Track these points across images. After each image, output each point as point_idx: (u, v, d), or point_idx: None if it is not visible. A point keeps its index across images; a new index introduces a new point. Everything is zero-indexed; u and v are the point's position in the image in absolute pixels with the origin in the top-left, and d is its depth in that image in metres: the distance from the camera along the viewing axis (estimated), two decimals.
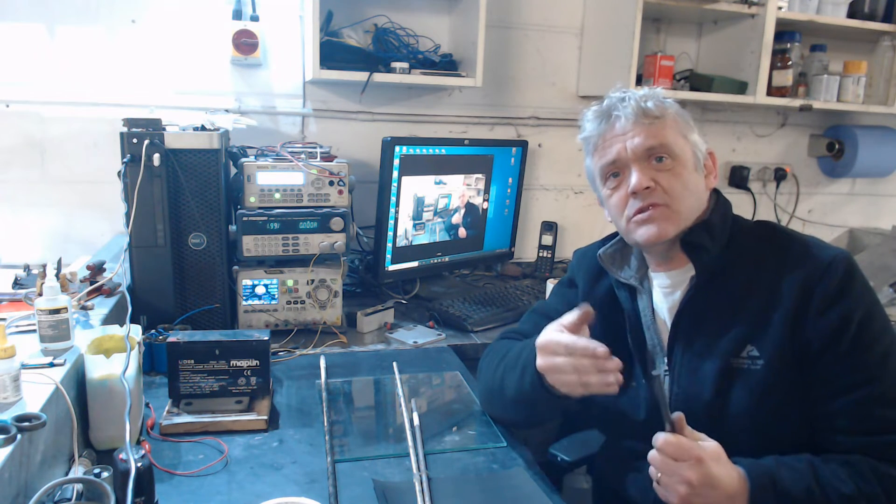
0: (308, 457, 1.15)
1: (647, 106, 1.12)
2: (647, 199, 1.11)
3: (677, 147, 1.12)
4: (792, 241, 1.13)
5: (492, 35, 2.27)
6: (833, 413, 1.04)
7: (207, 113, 2.04)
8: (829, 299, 1.04)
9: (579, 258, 1.38)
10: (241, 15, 2.01)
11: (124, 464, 0.91)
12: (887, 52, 2.59)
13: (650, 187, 1.10)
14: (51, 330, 1.14)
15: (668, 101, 1.16)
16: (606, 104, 1.16)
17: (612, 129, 1.14)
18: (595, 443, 1.40)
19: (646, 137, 1.11)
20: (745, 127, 2.76)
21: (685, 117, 1.17)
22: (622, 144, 1.13)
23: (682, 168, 1.12)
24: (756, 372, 1.08)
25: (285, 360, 1.57)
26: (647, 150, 1.11)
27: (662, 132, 1.12)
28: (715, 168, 1.19)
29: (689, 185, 1.13)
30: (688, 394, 1.13)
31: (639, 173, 1.11)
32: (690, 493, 0.96)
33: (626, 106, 1.13)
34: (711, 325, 1.12)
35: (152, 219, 1.56)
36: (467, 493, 1.07)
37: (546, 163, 2.52)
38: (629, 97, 1.14)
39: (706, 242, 1.12)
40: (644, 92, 1.16)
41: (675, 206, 1.11)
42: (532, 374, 1.13)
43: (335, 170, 1.72)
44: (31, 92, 1.95)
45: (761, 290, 1.10)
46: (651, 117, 1.12)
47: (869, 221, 3.03)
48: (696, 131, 1.17)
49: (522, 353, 1.18)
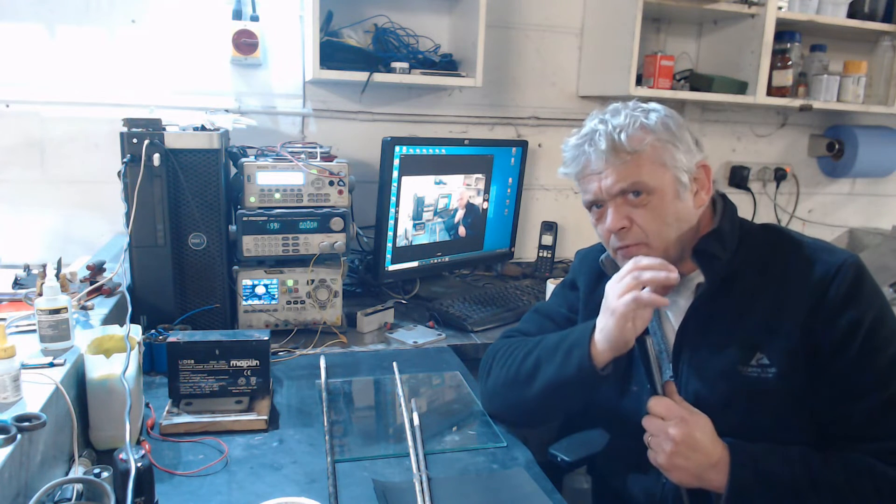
0: (308, 457, 1.15)
1: (621, 141, 1.09)
2: (624, 240, 1.13)
3: (654, 181, 1.09)
4: (800, 247, 1.12)
5: (492, 35, 2.26)
6: (843, 417, 1.05)
7: (207, 113, 2.04)
8: (840, 304, 1.04)
9: (581, 259, 1.37)
10: (241, 15, 2.01)
11: (124, 464, 0.91)
12: (887, 52, 2.59)
13: (625, 227, 1.11)
14: (51, 330, 1.14)
15: (652, 119, 1.11)
16: (583, 134, 1.14)
17: (586, 167, 1.13)
18: (595, 443, 1.40)
19: (617, 178, 1.10)
20: (745, 127, 2.76)
21: (669, 136, 1.11)
22: (598, 184, 1.12)
23: (659, 201, 1.10)
24: (768, 381, 1.07)
25: (285, 360, 1.57)
26: (620, 190, 1.10)
27: (636, 170, 1.09)
28: (708, 181, 1.15)
29: (669, 216, 1.10)
30: (696, 399, 1.12)
31: (613, 214, 1.11)
32: (674, 451, 1.02)
33: (599, 140, 1.10)
34: (718, 331, 1.11)
35: (152, 219, 1.56)
36: (467, 493, 1.07)
37: (546, 163, 2.52)
38: (601, 132, 1.10)
39: (717, 251, 1.11)
40: (619, 120, 1.11)
41: (654, 243, 1.11)
42: (581, 354, 1.12)
43: (335, 170, 1.72)
44: (31, 92, 1.95)
45: (769, 296, 1.10)
46: (624, 153, 1.09)
47: (869, 221, 3.03)
48: (682, 148, 1.11)
49: (566, 339, 1.18)
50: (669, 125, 1.12)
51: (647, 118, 1.11)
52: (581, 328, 1.17)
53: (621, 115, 1.12)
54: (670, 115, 1.14)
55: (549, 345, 1.21)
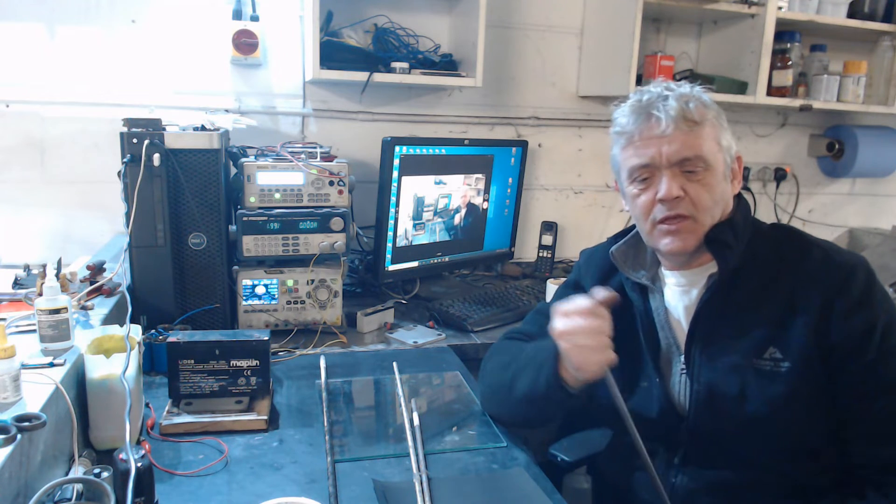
0: (308, 457, 1.15)
1: (689, 108, 1.07)
2: (675, 209, 1.09)
3: (711, 156, 1.09)
4: (811, 246, 1.13)
5: (492, 35, 2.26)
6: (857, 420, 1.05)
7: (207, 113, 2.04)
8: (853, 306, 1.05)
9: (587, 259, 1.37)
10: (241, 15, 2.00)
11: (124, 464, 0.91)
12: (887, 52, 2.59)
13: (679, 197, 1.08)
14: (51, 330, 1.14)
15: (708, 100, 1.12)
16: (647, 99, 1.11)
17: (651, 129, 1.09)
18: (595, 443, 1.40)
19: (683, 146, 1.07)
20: (745, 127, 2.76)
21: (722, 119, 1.12)
22: (657, 149, 1.08)
23: (712, 178, 1.09)
24: (781, 374, 1.07)
25: (285, 360, 1.57)
26: (682, 159, 1.08)
27: (700, 141, 1.08)
28: (740, 172, 1.16)
29: (717, 195, 1.10)
30: (710, 390, 1.12)
31: (669, 181, 1.08)
32: None
33: (667, 106, 1.08)
34: (731, 325, 1.12)
35: (152, 219, 1.56)
36: (467, 493, 1.07)
37: (546, 163, 2.52)
38: (672, 96, 1.09)
39: (731, 241, 1.11)
40: (686, 90, 1.10)
41: (701, 219, 1.10)
42: (549, 373, 1.12)
43: (335, 170, 1.72)
44: (31, 92, 1.95)
45: (780, 293, 1.10)
46: (691, 122, 1.08)
47: (869, 221, 3.03)
48: (729, 133, 1.13)
49: (539, 353, 1.18)
50: (719, 111, 1.13)
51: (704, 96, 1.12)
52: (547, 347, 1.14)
53: (685, 86, 1.12)
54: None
55: (526, 357, 1.22)
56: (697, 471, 1.16)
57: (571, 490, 1.51)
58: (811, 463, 1.10)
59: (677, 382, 1.18)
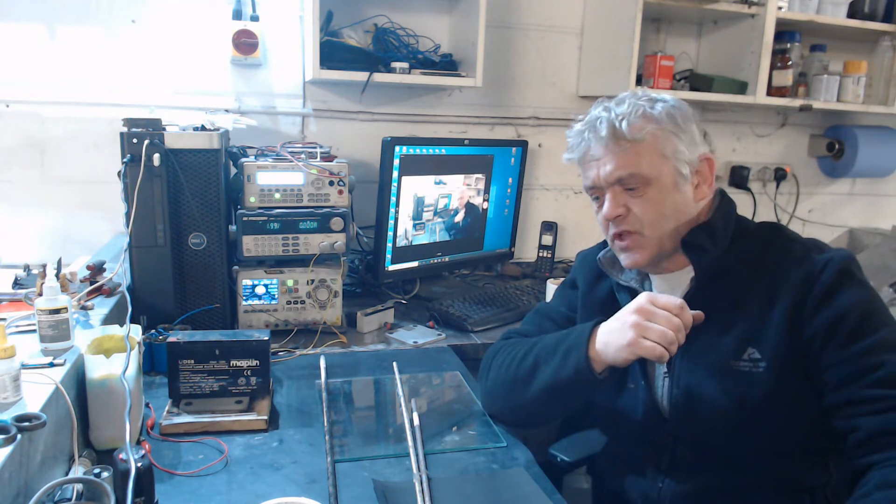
0: (308, 457, 1.15)
1: (621, 128, 1.09)
2: (620, 226, 1.13)
3: (652, 171, 1.09)
4: (793, 244, 1.12)
5: (492, 35, 2.26)
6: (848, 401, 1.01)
7: (207, 113, 2.04)
8: (822, 298, 1.04)
9: (581, 260, 1.38)
10: (241, 15, 2.01)
11: (124, 464, 0.91)
12: (887, 52, 2.59)
13: (621, 215, 1.12)
14: (51, 330, 1.14)
15: (657, 108, 1.11)
16: (586, 121, 1.15)
17: (588, 153, 1.14)
18: (595, 443, 1.40)
19: (616, 166, 1.10)
20: (745, 127, 2.76)
21: (673, 126, 1.11)
22: (596, 171, 1.13)
23: (657, 192, 1.10)
24: (758, 375, 1.07)
25: (285, 360, 1.57)
26: (618, 178, 1.11)
27: (635, 159, 1.09)
28: (711, 175, 1.15)
29: (667, 207, 1.11)
30: (688, 393, 1.12)
31: (610, 201, 1.12)
32: None
33: (600, 127, 1.11)
34: (711, 326, 1.11)
35: (152, 219, 1.56)
36: (467, 493, 1.07)
37: (546, 163, 2.52)
38: (605, 117, 1.11)
39: (706, 244, 1.12)
40: (624, 109, 1.11)
41: (649, 233, 1.11)
42: (579, 355, 1.11)
43: (335, 170, 1.72)
44: (31, 92, 1.95)
45: (761, 291, 1.10)
46: (623, 142, 1.09)
47: (869, 221, 3.03)
48: (686, 139, 1.11)
49: (565, 339, 1.17)
50: (675, 115, 1.12)
51: (652, 108, 1.11)
52: (579, 329, 1.17)
53: (625, 104, 1.12)
54: (678, 107, 1.13)
55: (548, 345, 1.21)
56: (684, 475, 1.15)
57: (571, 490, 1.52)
58: (797, 465, 1.09)
59: (660, 385, 1.19)
